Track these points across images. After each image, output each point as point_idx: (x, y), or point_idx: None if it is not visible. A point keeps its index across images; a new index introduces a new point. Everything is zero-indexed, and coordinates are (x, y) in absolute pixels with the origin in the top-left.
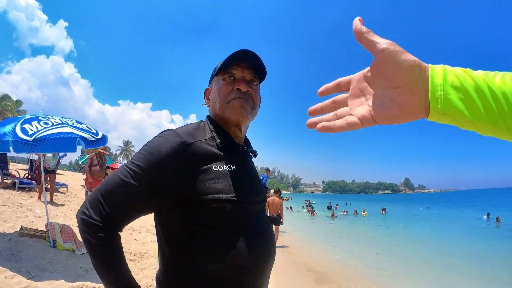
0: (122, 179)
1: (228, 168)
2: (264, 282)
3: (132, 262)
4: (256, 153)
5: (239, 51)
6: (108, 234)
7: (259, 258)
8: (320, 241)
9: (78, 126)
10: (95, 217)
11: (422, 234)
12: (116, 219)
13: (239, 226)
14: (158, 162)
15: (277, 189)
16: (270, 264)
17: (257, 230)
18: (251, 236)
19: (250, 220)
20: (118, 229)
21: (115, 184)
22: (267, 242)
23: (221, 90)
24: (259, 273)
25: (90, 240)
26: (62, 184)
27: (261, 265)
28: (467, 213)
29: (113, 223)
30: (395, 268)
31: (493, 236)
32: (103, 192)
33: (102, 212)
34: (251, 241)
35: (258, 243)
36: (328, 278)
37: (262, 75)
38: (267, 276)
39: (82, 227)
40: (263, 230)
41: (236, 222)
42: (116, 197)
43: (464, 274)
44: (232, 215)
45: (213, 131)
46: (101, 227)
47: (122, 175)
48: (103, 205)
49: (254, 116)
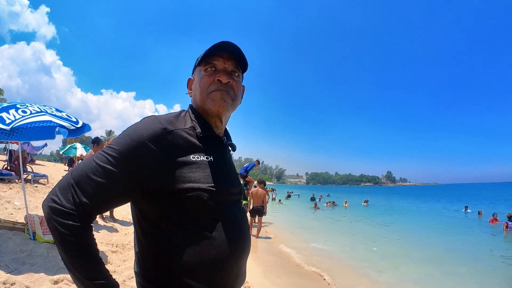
0: (98, 164)
1: (206, 158)
2: (240, 272)
3: (114, 254)
4: (235, 146)
5: (220, 42)
6: (81, 223)
7: (235, 249)
8: (303, 232)
9: (58, 114)
10: (67, 204)
11: (403, 226)
12: (90, 207)
13: (216, 216)
14: (137, 147)
15: (261, 180)
16: (246, 255)
17: (233, 221)
18: (228, 226)
19: (226, 210)
20: (91, 219)
21: (90, 169)
22: (243, 233)
23: (202, 81)
24: (235, 263)
25: (59, 230)
26: (43, 175)
27: (237, 256)
28: (447, 206)
29: (86, 212)
30: (380, 259)
31: (472, 227)
32: (77, 177)
33: (76, 200)
34: (228, 231)
35: (235, 234)
36: (310, 268)
37: (244, 66)
38: (243, 266)
39: (50, 215)
40: (239, 221)
41: (213, 212)
42: (91, 183)
43: (445, 266)
44: (208, 205)
45: (194, 121)
46: (73, 216)
47: (98, 160)
48: (76, 192)
49: (235, 108)
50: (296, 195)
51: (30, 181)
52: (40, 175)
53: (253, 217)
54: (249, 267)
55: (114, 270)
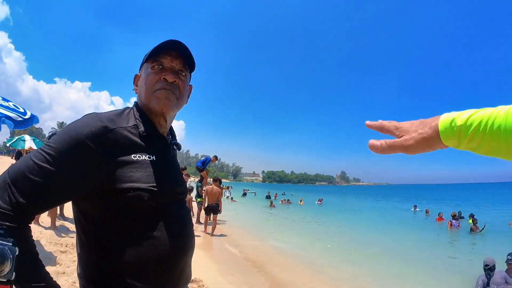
0: (35, 163)
1: (148, 158)
2: (184, 272)
3: (63, 254)
4: (179, 145)
5: (169, 40)
6: (17, 224)
7: (178, 249)
8: (258, 230)
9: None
10: (3, 204)
11: (356, 224)
12: (27, 207)
13: (158, 216)
14: (76, 145)
15: (216, 177)
16: (189, 254)
17: (176, 220)
18: (170, 225)
19: (169, 210)
20: (29, 220)
21: (27, 168)
22: (186, 232)
23: (148, 79)
24: (178, 263)
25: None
26: None
27: (180, 255)
28: (397, 205)
29: (24, 212)
30: (335, 256)
31: (420, 225)
32: (13, 176)
33: (12, 200)
34: (170, 230)
35: (178, 233)
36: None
37: (191, 65)
38: (187, 265)
39: None
40: (183, 221)
41: (155, 211)
42: (28, 183)
43: (396, 261)
44: (149, 205)
45: (137, 119)
46: (9, 216)
47: (36, 158)
48: (12, 191)
49: (180, 107)
50: (252, 193)
51: None
52: None
53: (208, 215)
54: (204, 265)
55: (64, 272)
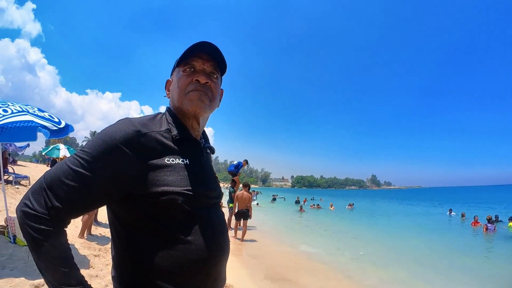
0: (70, 167)
1: (181, 161)
2: (219, 277)
3: (96, 258)
4: (213, 149)
5: (200, 42)
6: (53, 228)
7: (212, 254)
8: (289, 235)
9: (40, 114)
10: (39, 209)
11: (389, 229)
12: (62, 211)
13: (192, 220)
14: (110, 150)
15: (246, 183)
16: (224, 259)
17: (210, 225)
18: (205, 230)
19: (203, 214)
20: (64, 224)
21: (63, 172)
22: (220, 237)
23: (180, 81)
24: (213, 268)
25: (32, 235)
26: (24, 176)
27: (215, 260)
28: (431, 209)
29: (59, 216)
30: (366, 262)
31: (456, 230)
32: (50, 182)
33: (48, 204)
34: (205, 235)
35: (212, 238)
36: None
37: (223, 68)
38: (221, 270)
39: (23, 220)
40: (216, 225)
41: (189, 215)
42: (63, 187)
43: (430, 267)
44: (183, 208)
45: (170, 123)
46: (46, 220)
47: (71, 163)
48: (49, 196)
49: (213, 109)
50: (281, 198)
51: (11, 182)
52: (21, 176)
53: (238, 220)
54: (235, 270)
55: (97, 275)
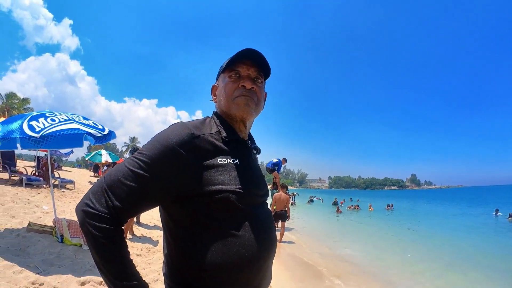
0: (130, 169)
1: (232, 161)
2: (267, 273)
3: (139, 257)
4: (259, 149)
5: (244, 49)
6: (114, 226)
7: (262, 249)
8: (327, 237)
9: (85, 122)
10: (100, 208)
11: (432, 230)
12: (122, 210)
13: (243, 217)
14: (167, 152)
15: (284, 184)
16: (272, 256)
17: (260, 222)
18: (255, 227)
19: (253, 212)
20: (123, 222)
21: (122, 174)
22: (269, 234)
23: (227, 87)
24: (262, 264)
25: (93, 233)
26: (69, 181)
27: (264, 256)
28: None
29: (119, 216)
30: (411, 265)
31: (504, 231)
32: (109, 182)
33: (109, 204)
34: (255, 232)
35: (262, 235)
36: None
37: (266, 72)
38: (269, 267)
39: (84, 219)
40: (265, 222)
41: (240, 213)
42: (123, 188)
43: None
44: (236, 206)
45: (219, 126)
46: (106, 219)
47: (129, 165)
48: (109, 196)
49: (258, 113)
50: (319, 200)
51: (57, 186)
52: (66, 180)
53: (276, 221)
54: (274, 271)
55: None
